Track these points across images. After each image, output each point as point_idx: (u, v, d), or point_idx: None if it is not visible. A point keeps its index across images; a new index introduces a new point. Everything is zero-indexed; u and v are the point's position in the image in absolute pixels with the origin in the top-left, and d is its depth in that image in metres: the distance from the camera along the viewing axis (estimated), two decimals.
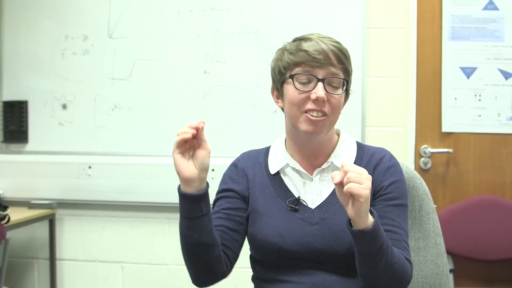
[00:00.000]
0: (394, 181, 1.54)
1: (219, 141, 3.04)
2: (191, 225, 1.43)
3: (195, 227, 1.43)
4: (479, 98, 2.97)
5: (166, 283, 3.16)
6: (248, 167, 1.61)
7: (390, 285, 1.42)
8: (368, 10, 2.97)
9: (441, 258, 1.71)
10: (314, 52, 1.47)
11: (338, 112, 1.52)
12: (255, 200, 1.57)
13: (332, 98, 1.48)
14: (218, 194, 1.62)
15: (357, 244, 1.36)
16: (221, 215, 1.56)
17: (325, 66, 1.47)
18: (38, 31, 3.22)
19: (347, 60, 1.52)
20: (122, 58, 3.14)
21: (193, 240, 1.44)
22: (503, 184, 2.99)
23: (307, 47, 1.49)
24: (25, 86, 3.24)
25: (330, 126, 1.52)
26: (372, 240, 1.34)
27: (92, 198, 3.17)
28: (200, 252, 1.47)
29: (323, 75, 1.48)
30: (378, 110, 2.99)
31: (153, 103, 3.12)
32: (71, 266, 3.26)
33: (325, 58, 1.47)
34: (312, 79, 1.48)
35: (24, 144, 3.25)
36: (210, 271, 1.51)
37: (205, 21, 3.07)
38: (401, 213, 1.52)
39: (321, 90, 1.46)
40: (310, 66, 1.48)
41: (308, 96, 1.48)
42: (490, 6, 2.94)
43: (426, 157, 3.02)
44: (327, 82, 1.48)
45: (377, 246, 1.35)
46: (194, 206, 1.41)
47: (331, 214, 1.50)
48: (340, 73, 1.50)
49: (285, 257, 1.49)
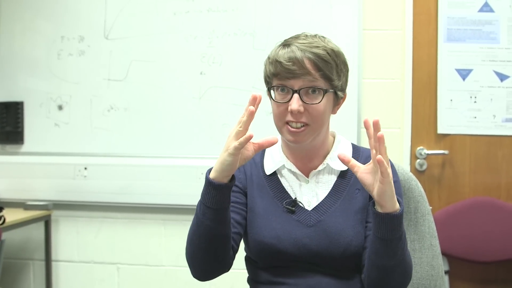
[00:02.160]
0: None
1: (215, 142, 3.04)
2: (216, 216, 1.38)
3: (220, 218, 1.39)
4: (475, 100, 2.97)
5: (162, 284, 3.16)
6: (245, 166, 1.60)
7: (399, 279, 1.41)
8: (364, 11, 2.97)
9: (437, 259, 1.72)
10: (288, 63, 1.43)
11: (320, 119, 1.48)
12: (252, 199, 1.56)
13: (311, 108, 1.45)
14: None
15: (381, 229, 1.33)
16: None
17: (300, 77, 1.43)
18: (34, 32, 3.22)
19: (327, 65, 1.45)
20: (118, 59, 3.14)
21: (216, 231, 1.40)
22: (498, 185, 3.00)
23: (281, 56, 1.45)
24: (21, 87, 3.23)
25: (314, 134, 1.49)
26: (398, 226, 1.32)
27: (88, 199, 3.17)
28: (219, 243, 1.43)
29: (299, 85, 1.44)
30: (374, 112, 2.99)
31: (149, 104, 3.11)
32: (67, 267, 3.26)
33: (299, 68, 1.43)
34: (289, 90, 1.45)
35: (20, 145, 3.24)
36: (221, 263, 1.47)
37: (201, 22, 3.07)
38: None
39: (295, 103, 1.43)
40: (285, 78, 1.45)
41: (287, 107, 1.45)
42: (485, 8, 2.95)
43: (422, 158, 3.02)
44: (304, 92, 1.45)
45: (399, 233, 1.33)
46: (224, 197, 1.37)
47: (327, 216, 1.50)
48: (318, 81, 1.45)
49: (281, 258, 1.49)
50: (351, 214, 1.51)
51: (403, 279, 1.42)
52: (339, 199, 1.53)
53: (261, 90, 1.55)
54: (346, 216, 1.50)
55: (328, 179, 1.55)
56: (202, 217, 1.39)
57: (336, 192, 1.52)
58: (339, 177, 1.56)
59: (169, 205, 3.07)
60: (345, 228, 1.44)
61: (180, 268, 3.11)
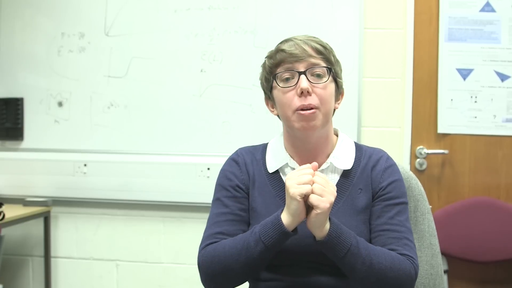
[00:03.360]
0: (392, 181, 1.54)
1: (215, 140, 3.04)
2: (270, 254, 1.43)
3: (270, 256, 1.44)
4: (475, 99, 2.97)
5: (161, 281, 3.16)
6: (247, 165, 1.61)
7: (385, 285, 1.42)
8: (365, 10, 2.97)
9: (436, 258, 1.72)
10: (290, 48, 1.49)
11: (328, 102, 1.51)
12: (254, 198, 1.56)
13: (318, 89, 1.49)
14: (224, 191, 1.59)
15: (325, 252, 1.41)
16: (236, 217, 1.55)
17: (304, 59, 1.49)
18: (34, 28, 3.21)
19: (327, 51, 1.53)
20: (119, 56, 3.14)
21: (261, 263, 1.45)
22: (498, 185, 3.00)
23: (283, 47, 1.51)
24: (21, 83, 3.23)
25: (324, 119, 1.50)
26: (335, 246, 1.38)
27: (87, 196, 3.17)
28: (253, 272, 1.49)
29: (304, 67, 1.49)
30: (374, 111, 2.99)
31: (149, 101, 3.11)
32: (65, 263, 3.26)
33: (302, 51, 1.49)
34: (294, 74, 1.49)
35: (20, 142, 3.24)
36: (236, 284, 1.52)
37: (202, 20, 3.07)
38: (401, 211, 1.53)
39: (304, 82, 1.47)
40: (289, 62, 1.50)
41: (295, 92, 1.48)
42: (487, 8, 2.95)
43: (422, 158, 3.02)
44: (309, 73, 1.49)
45: (344, 250, 1.38)
46: (283, 242, 1.42)
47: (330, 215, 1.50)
48: (321, 62, 1.51)
49: (282, 257, 1.49)
50: (353, 214, 1.51)
51: (389, 284, 1.42)
52: (342, 198, 1.53)
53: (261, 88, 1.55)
54: (349, 216, 1.51)
55: (331, 178, 1.55)
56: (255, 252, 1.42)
57: (339, 192, 1.51)
58: (342, 176, 1.56)
59: (169, 202, 3.07)
60: (347, 228, 1.44)
61: (179, 265, 3.11)
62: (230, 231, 1.52)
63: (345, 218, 1.49)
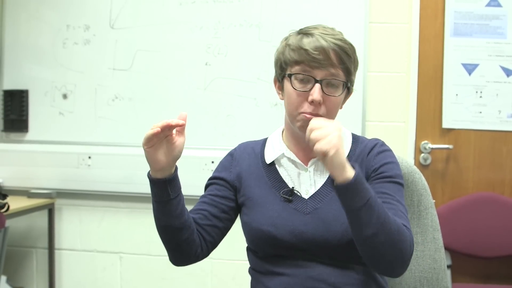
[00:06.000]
0: (385, 162, 1.53)
1: (219, 133, 3.04)
2: (160, 209, 1.50)
3: (164, 210, 1.49)
4: (480, 95, 2.96)
5: (164, 274, 3.17)
6: (243, 158, 1.63)
7: (389, 249, 1.36)
8: (371, 4, 2.96)
9: (439, 253, 1.71)
10: (314, 51, 1.45)
11: (334, 113, 1.50)
12: (250, 190, 1.58)
13: (329, 100, 1.47)
14: (209, 180, 1.68)
15: (342, 201, 1.34)
16: (207, 200, 1.62)
17: (325, 67, 1.45)
18: (39, 21, 3.22)
19: (349, 59, 1.50)
20: (124, 49, 3.14)
21: (162, 222, 1.52)
22: (502, 181, 2.99)
23: (307, 44, 1.46)
24: (26, 75, 3.23)
25: None
26: (355, 194, 1.31)
27: (91, 188, 3.18)
28: (169, 234, 1.54)
29: (322, 76, 1.46)
30: (379, 105, 2.98)
31: (154, 94, 3.11)
32: (69, 255, 3.27)
33: (325, 58, 1.45)
34: (311, 79, 1.47)
35: (24, 133, 3.25)
36: (181, 252, 1.58)
37: (207, 13, 3.06)
38: (395, 189, 1.49)
39: (317, 93, 1.45)
40: (309, 66, 1.46)
41: (306, 97, 1.46)
42: (493, 3, 2.94)
43: (426, 153, 3.02)
44: (325, 83, 1.46)
45: (363, 200, 1.31)
46: (162, 191, 1.48)
47: (324, 204, 1.50)
48: (340, 74, 1.48)
49: (279, 246, 1.49)
50: None
51: (395, 251, 1.37)
52: None
53: (266, 82, 1.55)
54: None
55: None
56: (153, 210, 1.52)
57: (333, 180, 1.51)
58: None
59: None
60: (341, 215, 1.42)
61: None
62: (195, 209, 1.62)
63: (339, 206, 1.45)
